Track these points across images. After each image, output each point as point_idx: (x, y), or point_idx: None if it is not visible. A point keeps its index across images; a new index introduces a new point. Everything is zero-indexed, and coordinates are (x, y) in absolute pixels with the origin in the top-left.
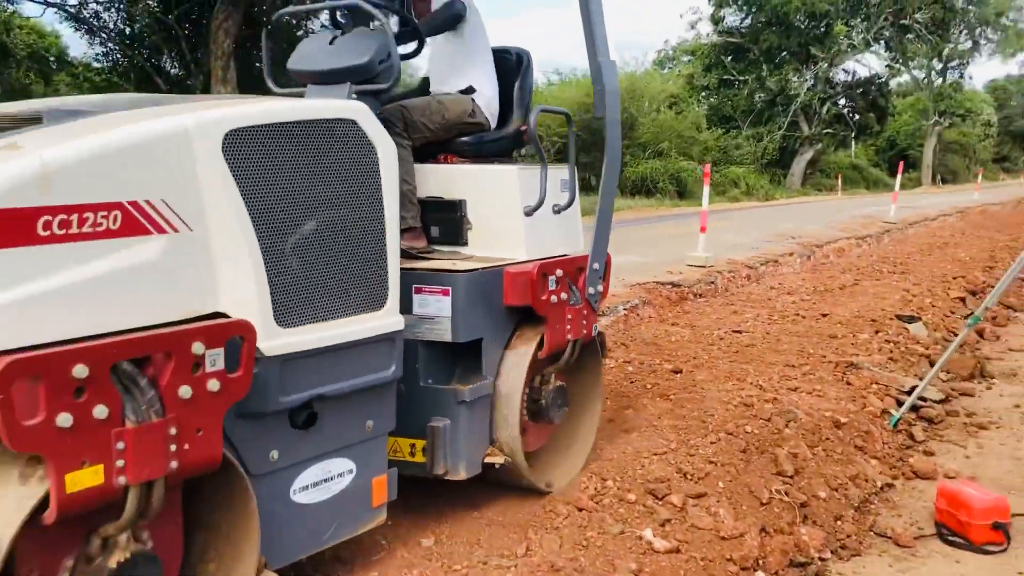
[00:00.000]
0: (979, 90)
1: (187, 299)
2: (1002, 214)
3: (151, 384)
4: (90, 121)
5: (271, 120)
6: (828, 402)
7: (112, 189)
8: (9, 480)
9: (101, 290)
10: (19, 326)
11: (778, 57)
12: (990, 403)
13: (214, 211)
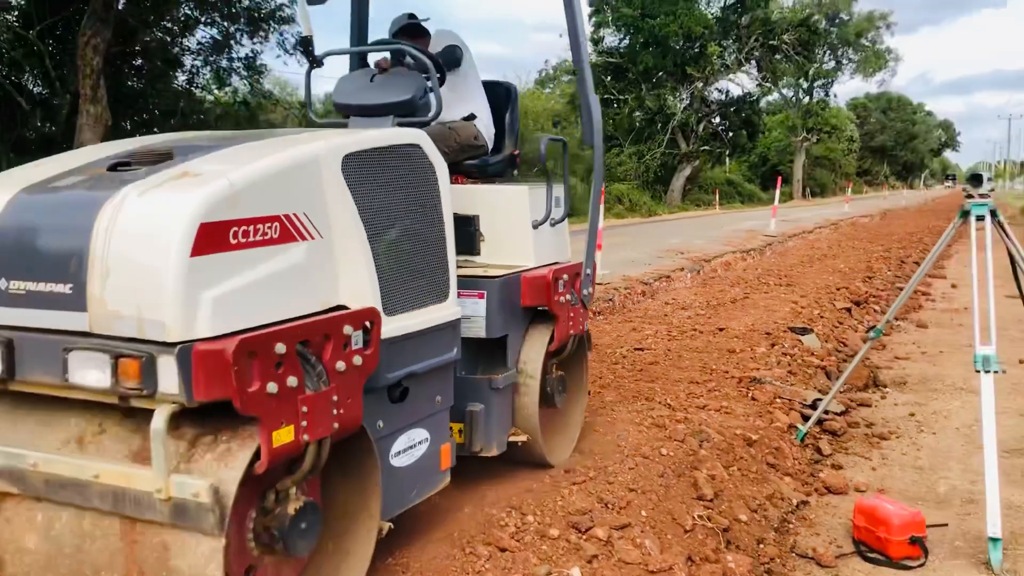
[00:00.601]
0: (842, 108)
1: (323, 294)
2: (871, 225)
3: (319, 360)
4: (228, 152)
5: (372, 145)
6: (737, 419)
7: (273, 205)
8: (225, 440)
9: (269, 287)
10: (222, 316)
11: (656, 77)
12: (887, 412)
13: (337, 221)
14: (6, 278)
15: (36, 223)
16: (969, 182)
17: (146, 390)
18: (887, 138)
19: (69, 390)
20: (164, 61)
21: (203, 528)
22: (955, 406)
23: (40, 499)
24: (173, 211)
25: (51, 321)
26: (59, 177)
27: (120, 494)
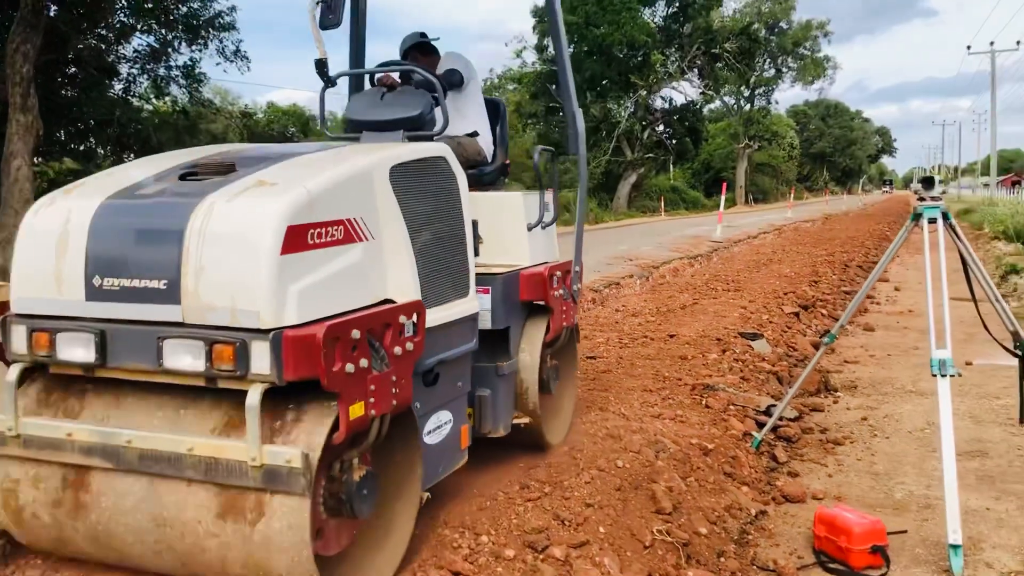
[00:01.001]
0: (783, 115)
1: (375, 288)
2: (814, 230)
3: (381, 345)
4: (290, 164)
5: (412, 157)
6: (692, 428)
7: (338, 210)
8: (307, 414)
9: (336, 282)
10: (304, 307)
11: (600, 85)
12: (839, 417)
13: (385, 224)
14: (99, 275)
15: (128, 226)
16: (921, 184)
17: (239, 372)
18: (826, 144)
19: (162, 375)
20: (99, 69)
21: (293, 490)
22: (906, 409)
23: (132, 472)
24: (263, 215)
25: (145, 313)
26: (138, 186)
27: (212, 464)
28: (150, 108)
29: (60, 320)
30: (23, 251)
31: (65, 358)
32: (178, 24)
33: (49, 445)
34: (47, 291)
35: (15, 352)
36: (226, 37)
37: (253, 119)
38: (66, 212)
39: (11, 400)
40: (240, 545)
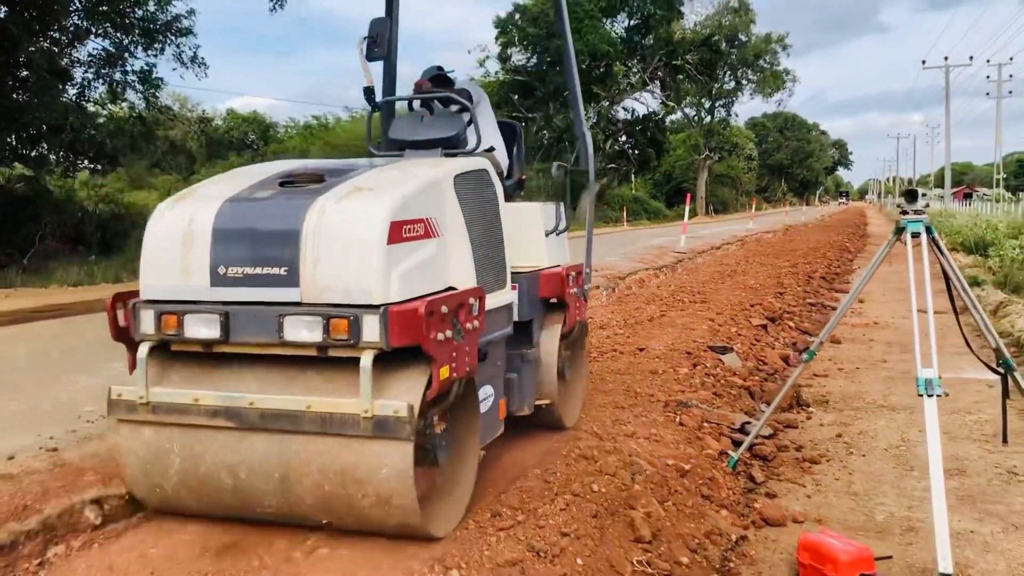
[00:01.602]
0: (742, 127)
1: (443, 277)
2: (775, 241)
3: (458, 321)
4: (374, 174)
5: (468, 168)
6: (667, 447)
7: (421, 211)
8: (405, 377)
9: (419, 269)
10: (403, 287)
11: (564, 96)
12: (814, 434)
13: (450, 223)
14: (224, 265)
15: (249, 224)
16: (904, 198)
17: (352, 340)
18: (784, 156)
19: (281, 347)
20: (51, 73)
21: (400, 436)
22: (880, 425)
23: (254, 429)
24: (371, 212)
25: (266, 295)
26: (249, 190)
27: (327, 418)
28: (105, 114)
29: (186, 304)
30: (150, 248)
31: (192, 336)
32: (134, 28)
33: (176, 410)
34: (174, 280)
35: (143, 332)
36: (184, 42)
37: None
38: (188, 214)
39: (143, 372)
40: (353, 486)
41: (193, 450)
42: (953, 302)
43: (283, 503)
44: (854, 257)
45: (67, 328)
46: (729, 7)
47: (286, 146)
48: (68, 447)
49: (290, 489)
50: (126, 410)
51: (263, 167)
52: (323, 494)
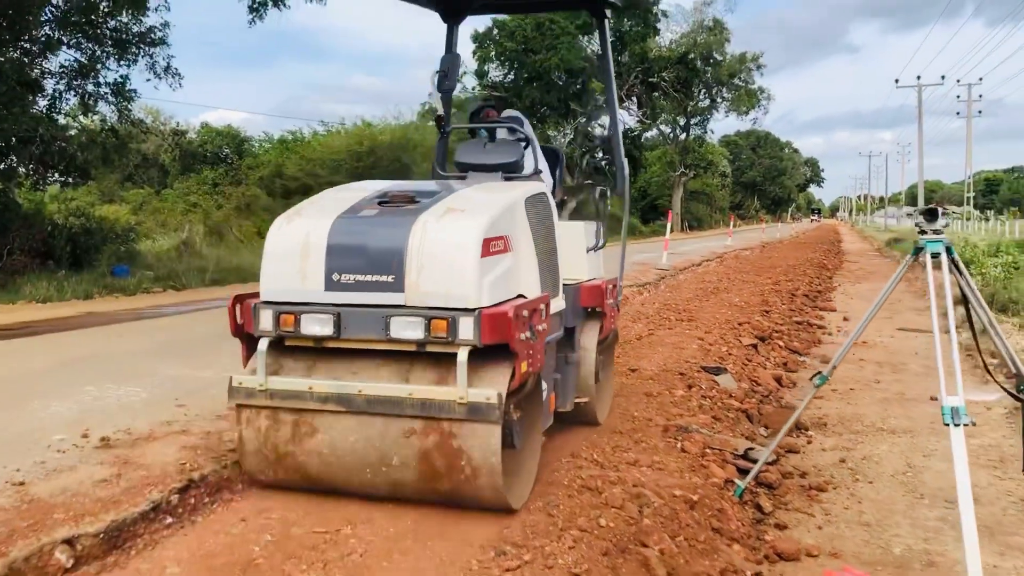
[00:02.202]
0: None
1: (516, 286)
2: (753, 258)
3: (532, 323)
4: (460, 196)
5: (534, 192)
6: (672, 476)
7: (502, 229)
8: (493, 370)
9: (501, 279)
10: (492, 294)
11: (540, 111)
12: (816, 459)
13: (521, 240)
14: (337, 272)
15: (359, 237)
16: (924, 217)
17: (449, 338)
18: (757, 173)
19: (386, 343)
20: (21, 84)
21: (490, 419)
22: (883, 450)
23: (361, 413)
24: (467, 230)
25: (374, 299)
26: (353, 209)
27: (428, 403)
28: (77, 126)
29: (302, 305)
30: (270, 257)
31: (307, 332)
32: (107, 39)
33: (291, 396)
34: (291, 285)
35: (262, 329)
36: (157, 53)
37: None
38: (305, 227)
39: (262, 363)
40: (447, 462)
41: (305, 431)
42: (972, 325)
43: (384, 479)
44: (833, 275)
45: (36, 346)
46: (704, 25)
47: (261, 160)
48: (36, 480)
49: (391, 466)
50: (245, 396)
51: (357, 187)
52: (421, 470)
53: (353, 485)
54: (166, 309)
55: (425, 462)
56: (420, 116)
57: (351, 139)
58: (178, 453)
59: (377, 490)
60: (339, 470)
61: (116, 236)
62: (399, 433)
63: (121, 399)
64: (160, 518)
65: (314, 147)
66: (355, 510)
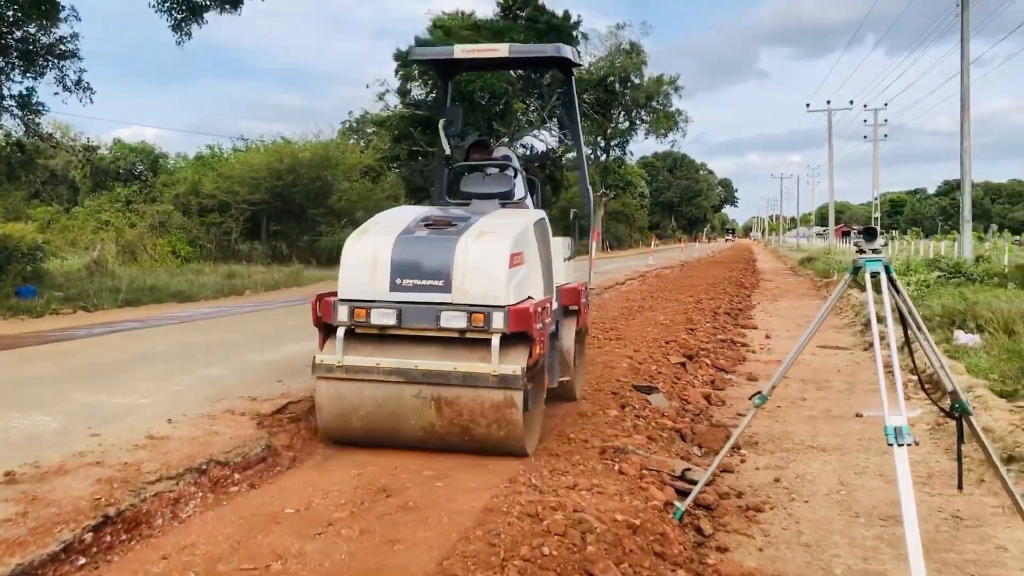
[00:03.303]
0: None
1: (527, 291)
2: (674, 277)
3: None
4: (487, 221)
5: (539, 217)
6: (612, 500)
7: (520, 246)
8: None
9: (519, 285)
10: (516, 294)
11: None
12: (751, 479)
13: (531, 254)
14: (400, 277)
15: (417, 251)
16: (862, 237)
17: (485, 327)
18: (674, 194)
19: (436, 331)
20: None
21: (515, 387)
22: (815, 468)
23: (417, 383)
24: (499, 247)
25: (428, 297)
26: (408, 230)
27: (468, 375)
28: None
29: (371, 303)
30: (347, 265)
31: (376, 323)
32: (12, 50)
33: (363, 371)
34: (363, 286)
35: (340, 320)
36: (67, 66)
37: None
38: (373, 244)
39: (340, 346)
40: (482, 419)
41: (373, 397)
42: (908, 343)
43: (433, 434)
44: (751, 293)
45: None
46: (621, 49)
47: (176, 177)
48: None
49: (440, 423)
50: (325, 371)
51: (403, 212)
52: (462, 424)
53: (408, 439)
54: (76, 331)
55: (465, 419)
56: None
57: (270, 156)
58: (92, 487)
59: (426, 443)
60: (397, 427)
61: (22, 255)
62: (447, 398)
63: (27, 429)
64: (72, 559)
65: (232, 164)
66: (286, 542)
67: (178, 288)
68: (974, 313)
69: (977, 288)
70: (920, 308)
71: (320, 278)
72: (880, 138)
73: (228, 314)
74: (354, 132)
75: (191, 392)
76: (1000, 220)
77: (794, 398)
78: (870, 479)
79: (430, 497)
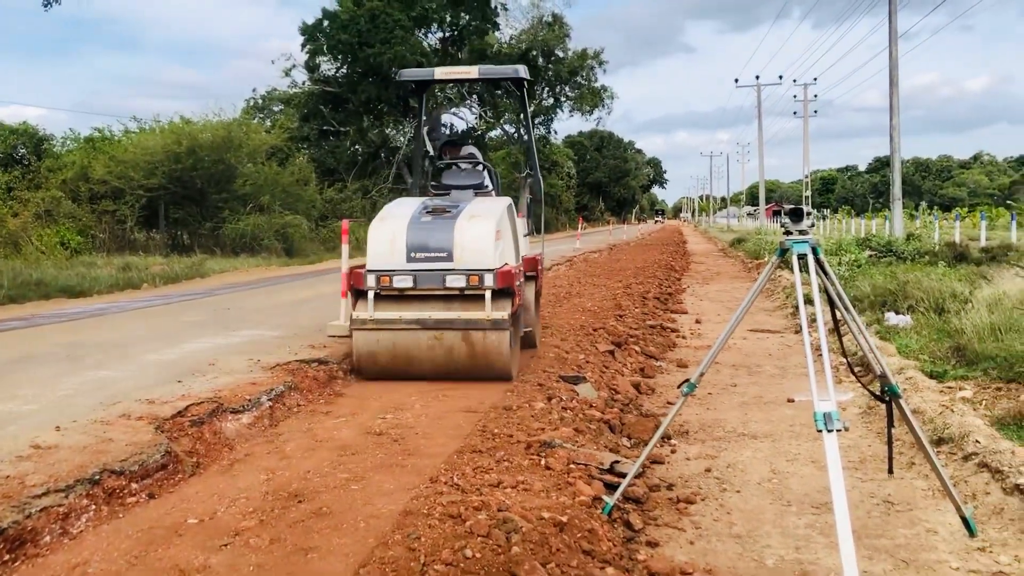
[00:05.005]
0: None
1: (505, 258)
2: (602, 261)
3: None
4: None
5: (509, 203)
6: (538, 497)
7: (501, 225)
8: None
9: (502, 253)
10: (500, 260)
11: (377, 109)
12: (682, 469)
13: (505, 231)
14: (414, 252)
15: (426, 232)
16: (788, 217)
17: (480, 285)
18: (602, 175)
19: (443, 290)
20: None
21: (504, 328)
22: (746, 457)
23: (429, 329)
24: (487, 226)
25: (436, 266)
26: (415, 218)
27: (469, 321)
28: None
29: (393, 271)
30: (372, 243)
31: (397, 286)
32: None
33: (388, 322)
34: (386, 258)
35: (369, 285)
36: None
37: None
38: (391, 227)
39: (371, 304)
40: (481, 353)
41: (397, 341)
42: (837, 325)
43: (443, 368)
44: (681, 276)
45: None
46: (544, 21)
47: (64, 161)
48: None
49: (449, 358)
50: (360, 324)
51: (406, 203)
52: (465, 358)
53: (426, 371)
54: None
55: (469, 354)
56: (244, 113)
57: (167, 138)
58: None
59: (438, 374)
60: (417, 362)
61: None
62: (453, 338)
63: None
64: None
65: (125, 147)
66: (189, 556)
67: (67, 283)
68: (905, 293)
69: (908, 267)
70: (851, 289)
71: (225, 269)
72: (810, 114)
73: (123, 310)
74: (259, 111)
75: (82, 396)
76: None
77: (725, 384)
78: (802, 466)
79: (345, 501)
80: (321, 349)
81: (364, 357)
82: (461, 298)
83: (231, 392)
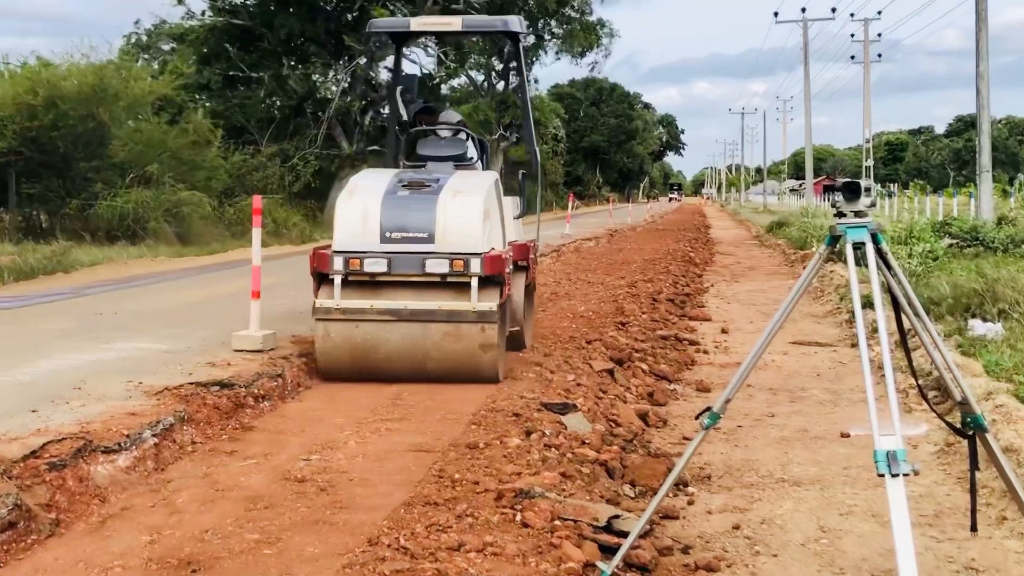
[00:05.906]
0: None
1: (494, 241)
2: (600, 251)
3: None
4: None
5: (495, 178)
6: (512, 564)
7: (488, 203)
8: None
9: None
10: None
11: (301, 48)
12: (702, 526)
13: (493, 210)
14: (389, 231)
15: (403, 208)
16: (842, 194)
17: (465, 272)
18: (600, 138)
19: (422, 276)
20: None
21: (491, 321)
22: (787, 510)
23: (404, 320)
24: (474, 203)
25: (415, 248)
26: (390, 191)
27: (453, 312)
28: None
29: (364, 253)
30: (340, 221)
31: (368, 271)
32: None
33: (357, 312)
34: (356, 239)
35: (335, 269)
36: None
37: None
38: (363, 202)
39: (337, 290)
40: (464, 350)
41: (368, 335)
42: (905, 337)
43: (420, 366)
44: (703, 272)
45: None
46: None
47: None
48: None
49: (427, 355)
50: (323, 313)
51: (379, 174)
52: (446, 355)
53: (400, 370)
54: None
55: (451, 351)
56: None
57: (19, 86)
58: None
59: (415, 374)
60: (390, 361)
61: None
62: (432, 332)
63: None
64: None
65: None
66: None
67: None
68: (995, 294)
69: (999, 260)
70: (924, 288)
71: (97, 261)
72: (872, 59)
73: None
74: (143, 50)
75: None
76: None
77: (760, 414)
78: (859, 522)
79: (255, 572)
80: (224, 368)
81: (328, 353)
82: (442, 286)
83: (103, 425)
